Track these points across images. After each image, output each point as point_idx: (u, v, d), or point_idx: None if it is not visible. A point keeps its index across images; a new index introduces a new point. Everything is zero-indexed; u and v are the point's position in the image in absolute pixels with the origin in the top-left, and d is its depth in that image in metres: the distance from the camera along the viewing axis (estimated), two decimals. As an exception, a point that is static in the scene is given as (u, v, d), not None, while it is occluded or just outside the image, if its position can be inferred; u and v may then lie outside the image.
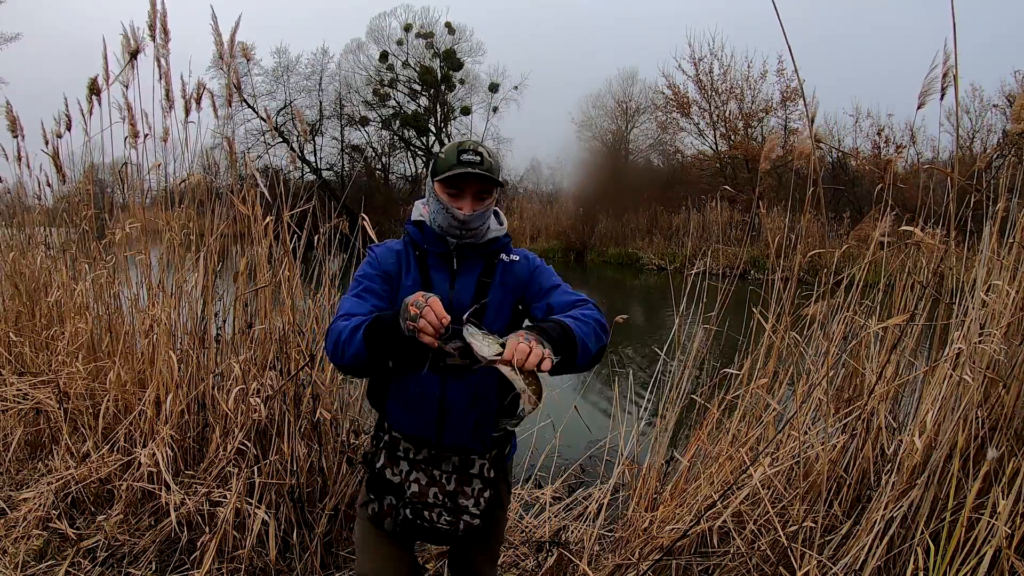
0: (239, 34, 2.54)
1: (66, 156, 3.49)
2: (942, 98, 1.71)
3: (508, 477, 1.59)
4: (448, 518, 1.41)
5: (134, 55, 2.62)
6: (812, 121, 2.17)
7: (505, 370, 1.13)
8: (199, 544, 2.16)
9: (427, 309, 1.14)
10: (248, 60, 3.02)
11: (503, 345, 1.13)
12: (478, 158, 1.36)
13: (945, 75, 1.66)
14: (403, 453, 1.45)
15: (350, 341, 1.27)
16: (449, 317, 1.16)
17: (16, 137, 3.54)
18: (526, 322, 1.49)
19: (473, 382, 1.38)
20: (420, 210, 1.50)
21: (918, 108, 1.74)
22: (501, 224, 1.50)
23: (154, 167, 2.88)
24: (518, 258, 1.50)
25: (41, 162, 3.85)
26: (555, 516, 2.56)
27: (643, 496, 2.35)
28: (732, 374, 2.41)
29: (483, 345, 1.14)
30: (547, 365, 1.12)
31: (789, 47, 1.62)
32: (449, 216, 1.38)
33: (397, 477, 1.43)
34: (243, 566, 2.14)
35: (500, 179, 1.41)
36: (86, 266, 3.30)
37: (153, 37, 2.55)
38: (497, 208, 1.52)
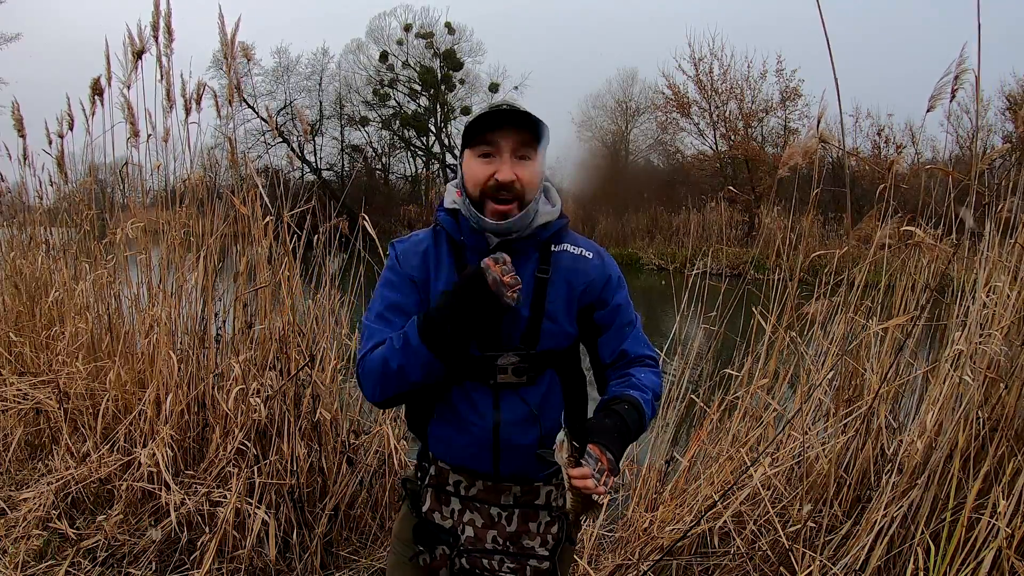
0: (240, 34, 2.55)
1: (67, 156, 3.51)
2: (952, 100, 1.73)
3: None
4: (511, 565, 1.20)
5: (139, 55, 2.62)
6: (820, 120, 2.17)
7: (565, 473, 1.04)
8: (199, 544, 2.16)
9: (510, 274, 1.05)
10: (249, 60, 3.02)
11: (577, 460, 1.03)
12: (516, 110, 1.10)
13: (957, 77, 1.68)
14: (453, 488, 1.23)
15: (409, 361, 1.09)
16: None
17: (22, 137, 3.55)
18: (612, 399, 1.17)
19: (532, 398, 1.16)
20: (453, 195, 1.21)
21: (928, 111, 1.77)
22: (554, 206, 1.20)
23: (155, 168, 2.88)
24: (590, 255, 1.22)
25: (44, 162, 3.86)
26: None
27: (643, 496, 2.36)
28: (732, 374, 2.41)
29: (561, 453, 1.04)
30: (602, 500, 1.07)
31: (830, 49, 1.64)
32: (477, 216, 1.14)
33: (448, 520, 1.22)
34: (243, 566, 2.14)
35: (543, 133, 1.12)
36: (86, 266, 3.30)
37: (156, 37, 2.55)
38: (548, 183, 1.22)
